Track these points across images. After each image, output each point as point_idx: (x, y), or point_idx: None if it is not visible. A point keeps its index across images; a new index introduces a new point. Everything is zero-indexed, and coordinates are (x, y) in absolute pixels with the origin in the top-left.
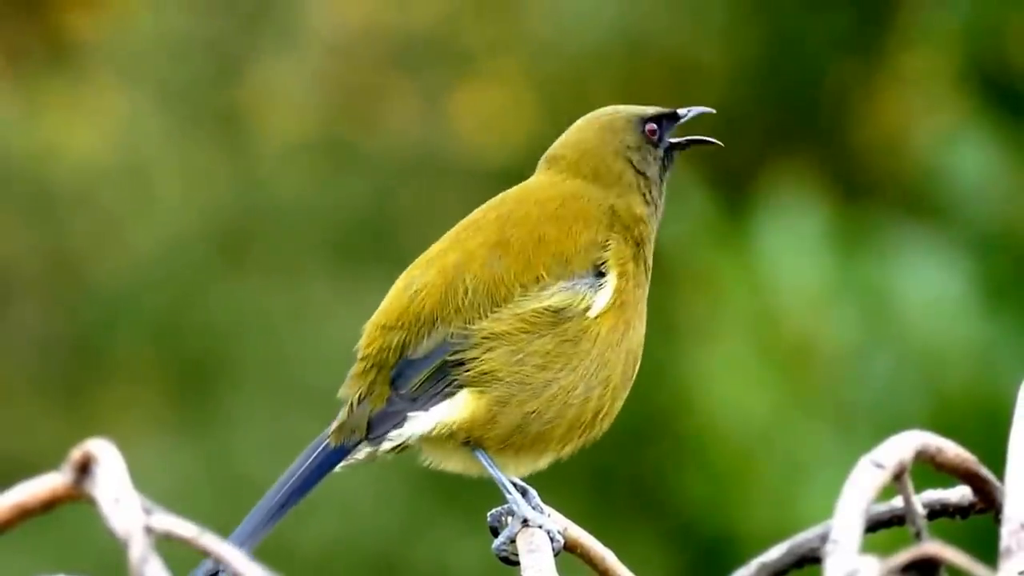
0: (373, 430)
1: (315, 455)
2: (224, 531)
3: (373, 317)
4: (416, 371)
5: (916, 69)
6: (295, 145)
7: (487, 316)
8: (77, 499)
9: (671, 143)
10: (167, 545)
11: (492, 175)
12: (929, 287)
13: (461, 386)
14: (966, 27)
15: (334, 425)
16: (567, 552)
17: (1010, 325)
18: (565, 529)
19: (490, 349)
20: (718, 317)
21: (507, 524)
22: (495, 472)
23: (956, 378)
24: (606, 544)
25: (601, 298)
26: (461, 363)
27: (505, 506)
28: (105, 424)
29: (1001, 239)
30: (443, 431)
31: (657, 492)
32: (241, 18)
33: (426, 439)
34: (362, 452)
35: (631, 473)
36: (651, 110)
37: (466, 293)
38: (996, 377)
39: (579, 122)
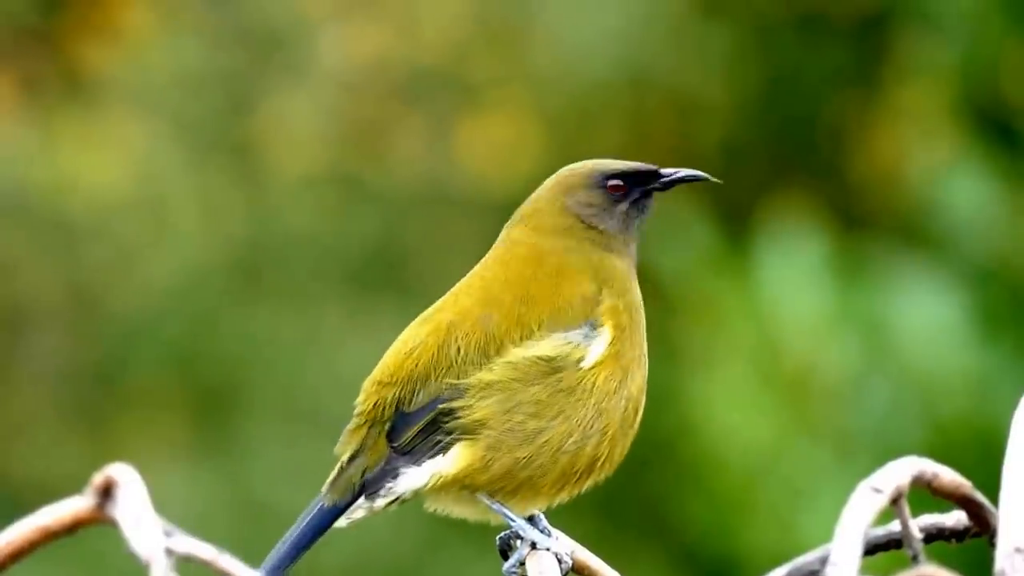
0: (368, 486)
1: (312, 514)
2: (241, 553)
3: (371, 374)
4: (409, 425)
5: (912, 103)
6: (307, 177)
7: (480, 369)
8: (100, 522)
9: (645, 190)
10: (186, 567)
11: (498, 206)
12: (926, 317)
13: (453, 437)
14: (961, 62)
15: (327, 483)
16: (575, 574)
17: (1005, 354)
18: (572, 552)
19: (482, 398)
20: (720, 345)
21: (516, 547)
22: (499, 509)
23: (952, 406)
24: (613, 566)
25: (596, 349)
26: (453, 413)
27: (513, 530)
28: (126, 449)
29: (996, 270)
30: (438, 483)
31: (662, 516)
32: (254, 53)
33: (424, 492)
34: (359, 509)
35: (637, 497)
36: (620, 165)
37: (458, 351)
38: (991, 405)
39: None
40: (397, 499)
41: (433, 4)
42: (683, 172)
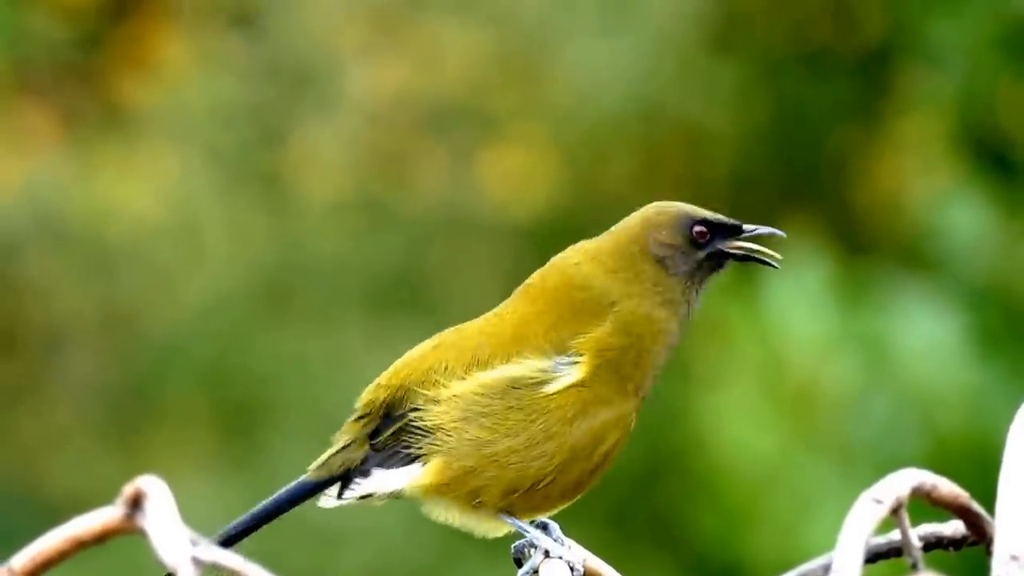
0: (345, 476)
1: (290, 487)
2: (266, 562)
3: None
4: (387, 427)
5: (912, 134)
6: (333, 204)
7: (455, 384)
8: (129, 532)
9: (722, 250)
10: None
11: (517, 232)
12: (925, 336)
13: (418, 443)
14: (959, 96)
15: (315, 464)
16: None
17: (1001, 372)
18: (584, 560)
19: (447, 408)
20: (729, 363)
21: (530, 556)
22: (511, 520)
23: (950, 420)
24: (624, 574)
25: (564, 378)
26: (421, 420)
27: (527, 539)
28: (156, 463)
29: (992, 292)
30: (403, 490)
31: (672, 525)
32: (284, 86)
33: (388, 495)
34: (332, 493)
35: (647, 507)
36: (708, 214)
37: (445, 368)
38: (987, 419)
39: (639, 210)
40: (365, 496)
41: (455, 41)
42: (757, 247)
